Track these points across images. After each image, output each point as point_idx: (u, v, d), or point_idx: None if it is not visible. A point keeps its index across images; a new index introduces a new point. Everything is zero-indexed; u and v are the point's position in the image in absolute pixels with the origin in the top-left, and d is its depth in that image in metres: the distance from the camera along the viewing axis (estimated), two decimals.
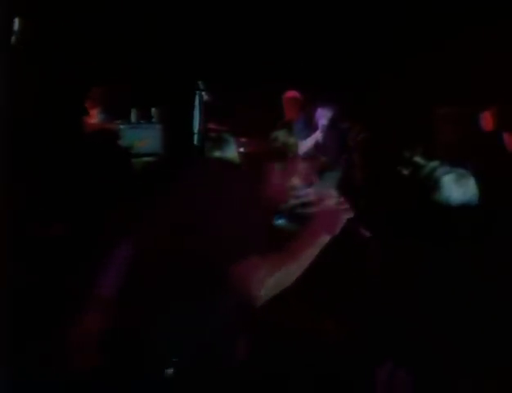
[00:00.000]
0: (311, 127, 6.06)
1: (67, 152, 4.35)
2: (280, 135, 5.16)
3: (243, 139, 6.30)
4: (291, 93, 6.35)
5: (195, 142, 6.25)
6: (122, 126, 6.57)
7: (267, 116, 6.44)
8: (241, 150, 6.06)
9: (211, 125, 6.41)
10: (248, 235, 2.20)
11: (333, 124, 5.97)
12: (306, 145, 5.67)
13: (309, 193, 2.66)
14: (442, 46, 6.76)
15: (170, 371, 2.04)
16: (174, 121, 6.86)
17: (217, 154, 3.91)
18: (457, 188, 2.66)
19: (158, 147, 6.55)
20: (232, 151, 4.02)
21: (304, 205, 2.65)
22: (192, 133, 6.28)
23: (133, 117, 6.84)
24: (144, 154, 6.37)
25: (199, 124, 6.26)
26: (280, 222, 2.74)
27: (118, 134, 6.30)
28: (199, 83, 6.24)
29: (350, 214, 2.42)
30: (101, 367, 1.97)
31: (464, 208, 2.55)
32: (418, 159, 3.48)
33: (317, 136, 5.73)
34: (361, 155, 5.70)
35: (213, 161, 3.25)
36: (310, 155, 3.49)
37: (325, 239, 2.29)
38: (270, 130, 5.14)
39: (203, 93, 6.23)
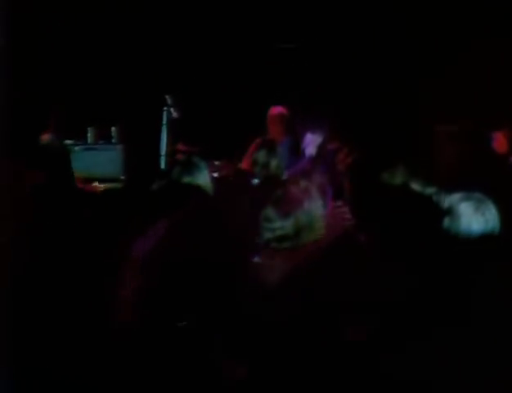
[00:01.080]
0: (297, 153, 6.09)
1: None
2: (260, 156, 5.25)
3: (217, 162, 6.36)
4: (276, 109, 6.38)
5: (162, 165, 6.28)
6: (76, 147, 6.54)
7: (246, 136, 6.52)
8: (215, 175, 6.11)
9: (180, 146, 6.45)
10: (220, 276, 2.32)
11: (321, 148, 6.02)
12: (291, 172, 5.69)
13: (285, 226, 2.70)
14: (440, 65, 6.99)
15: (182, 323, 2.66)
16: (137, 142, 6.88)
17: (187, 179, 3.93)
18: (477, 217, 2.66)
19: (118, 172, 6.57)
20: (204, 177, 4.04)
21: (280, 239, 2.69)
22: (159, 156, 6.31)
23: (90, 137, 6.84)
24: (102, 179, 6.35)
25: (167, 145, 6.30)
26: (256, 259, 2.77)
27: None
28: (167, 97, 6.29)
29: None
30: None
31: (485, 239, 2.56)
32: (414, 185, 3.55)
33: (304, 165, 5.75)
34: (350, 181, 5.78)
35: (183, 189, 3.29)
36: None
37: None
38: (248, 151, 5.22)
39: (171, 110, 6.28)
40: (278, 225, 2.77)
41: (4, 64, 3.67)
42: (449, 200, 2.82)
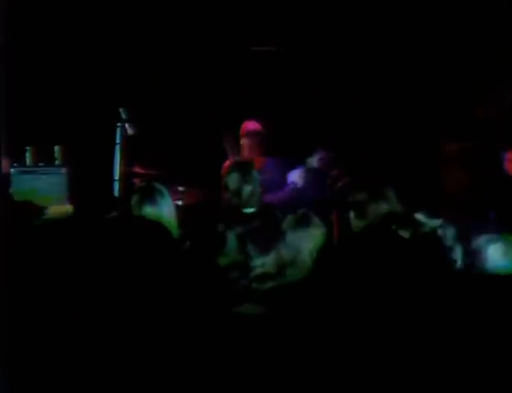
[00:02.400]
0: (280, 180, 6.01)
1: None
2: (231, 182, 5.24)
3: (180, 188, 6.36)
4: (251, 125, 6.38)
5: (115, 192, 6.26)
6: (12, 170, 6.53)
7: (215, 156, 6.54)
8: (178, 203, 6.11)
9: (137, 169, 6.44)
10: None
11: (310, 173, 6.01)
12: (275, 198, 5.63)
13: (266, 263, 2.73)
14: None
15: None
16: (85, 164, 6.87)
17: (146, 210, 3.93)
18: (504, 257, 2.94)
19: (62, 201, 6.53)
20: (168, 206, 4.04)
21: (260, 278, 2.71)
22: (111, 181, 6.28)
23: (29, 158, 6.82)
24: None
25: (121, 168, 6.28)
26: (242, 308, 2.78)
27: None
28: (121, 111, 6.28)
29: None
30: None
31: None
32: (419, 216, 3.61)
33: (290, 193, 5.72)
34: (343, 210, 5.82)
35: (140, 223, 3.31)
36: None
37: None
38: (218, 175, 5.24)
39: (126, 125, 6.28)
40: (258, 263, 2.80)
41: None
42: (476, 242, 2.96)
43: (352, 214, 4.03)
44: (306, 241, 3.38)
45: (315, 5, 7.26)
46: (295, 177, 5.98)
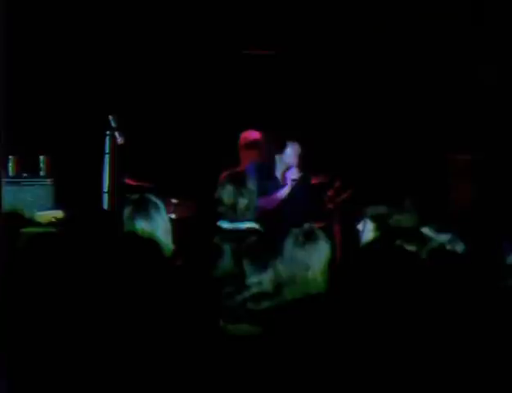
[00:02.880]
0: (268, 177, 6.04)
1: None
2: (226, 195, 5.25)
3: (174, 200, 6.40)
4: (250, 135, 6.36)
5: (105, 205, 6.26)
6: None
7: (211, 167, 6.56)
8: (172, 216, 6.12)
9: (128, 181, 6.45)
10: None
11: (304, 180, 6.01)
12: (267, 205, 5.65)
13: (263, 280, 2.75)
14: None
15: None
16: (72, 175, 6.87)
17: (140, 224, 3.95)
18: None
19: (47, 214, 6.50)
20: (163, 221, 4.05)
21: (257, 297, 2.73)
22: (100, 193, 6.29)
23: (11, 169, 6.85)
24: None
25: (112, 180, 6.27)
26: (231, 327, 2.80)
27: None
28: (111, 118, 6.29)
29: None
30: None
31: None
32: (426, 230, 3.64)
33: (282, 195, 5.74)
34: (341, 224, 5.82)
35: (132, 240, 3.34)
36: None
37: None
38: (213, 187, 5.24)
39: (116, 134, 6.29)
40: (253, 281, 2.82)
41: None
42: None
43: (359, 228, 4.06)
44: (310, 258, 3.41)
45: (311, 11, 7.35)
46: (295, 174, 6.07)
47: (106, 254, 2.72)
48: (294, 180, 6.02)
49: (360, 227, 4.03)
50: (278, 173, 6.17)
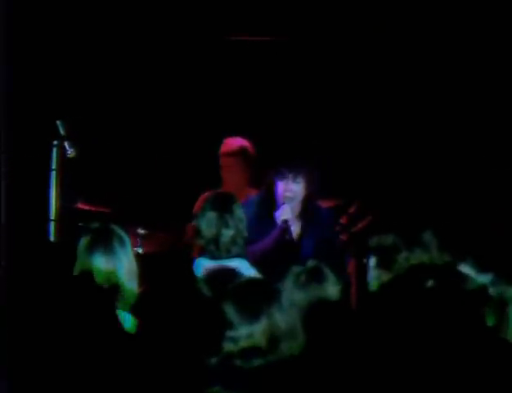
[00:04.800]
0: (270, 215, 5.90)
1: None
2: (207, 223, 5.23)
3: (141, 231, 6.41)
4: (234, 142, 6.32)
5: (51, 236, 6.27)
6: None
7: (188, 187, 6.59)
8: (138, 250, 6.11)
9: (81, 205, 6.46)
10: None
11: (307, 206, 5.92)
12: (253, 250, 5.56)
13: (254, 332, 2.79)
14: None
15: None
16: (8, 197, 6.90)
17: (99, 263, 3.96)
18: None
19: None
20: (126, 257, 4.07)
21: (246, 353, 2.77)
22: (46, 221, 6.29)
23: None
24: None
25: (61, 203, 6.29)
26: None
27: None
28: (59, 124, 6.31)
29: None
30: None
31: None
32: (464, 268, 3.68)
33: (270, 242, 5.62)
34: (357, 260, 5.84)
35: (86, 283, 3.36)
36: None
37: None
38: (189, 214, 5.24)
39: (65, 145, 6.32)
40: (242, 333, 2.87)
41: None
42: None
43: (375, 264, 4.09)
44: (315, 304, 3.45)
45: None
46: (287, 213, 5.80)
47: (51, 299, 2.76)
48: (285, 222, 5.76)
49: (367, 261, 4.04)
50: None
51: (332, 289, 3.66)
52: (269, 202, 5.87)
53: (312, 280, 3.64)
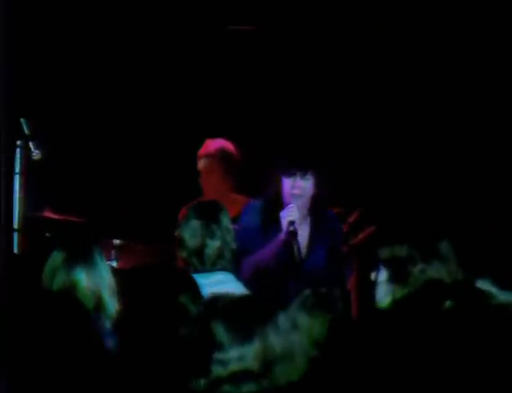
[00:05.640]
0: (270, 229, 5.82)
1: None
2: (189, 233, 5.22)
3: (116, 242, 6.40)
4: (214, 144, 6.33)
5: (15, 248, 6.30)
6: None
7: (170, 196, 6.62)
8: (113, 264, 6.12)
9: (49, 214, 6.47)
10: None
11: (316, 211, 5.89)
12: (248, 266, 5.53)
13: (246, 355, 2.78)
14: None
15: None
16: None
17: (81, 280, 4.00)
18: None
19: None
20: (107, 272, 4.10)
21: (237, 377, 2.76)
22: (9, 231, 6.32)
23: None
24: None
25: (23, 212, 6.31)
26: None
27: None
28: (23, 122, 6.33)
29: None
30: None
31: None
32: (485, 285, 3.68)
33: (273, 250, 5.58)
34: (362, 274, 5.85)
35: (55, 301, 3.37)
36: None
37: None
38: (173, 223, 5.26)
39: (30, 145, 6.33)
40: (233, 355, 2.87)
41: None
42: None
43: (387, 279, 4.09)
44: (319, 329, 3.47)
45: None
46: (294, 214, 5.72)
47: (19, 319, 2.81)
48: (291, 223, 5.66)
49: (374, 276, 4.02)
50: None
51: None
52: (275, 208, 5.81)
53: (319, 306, 3.64)
